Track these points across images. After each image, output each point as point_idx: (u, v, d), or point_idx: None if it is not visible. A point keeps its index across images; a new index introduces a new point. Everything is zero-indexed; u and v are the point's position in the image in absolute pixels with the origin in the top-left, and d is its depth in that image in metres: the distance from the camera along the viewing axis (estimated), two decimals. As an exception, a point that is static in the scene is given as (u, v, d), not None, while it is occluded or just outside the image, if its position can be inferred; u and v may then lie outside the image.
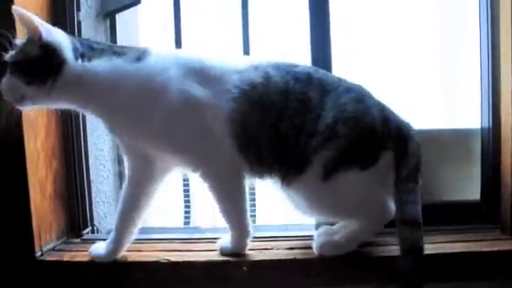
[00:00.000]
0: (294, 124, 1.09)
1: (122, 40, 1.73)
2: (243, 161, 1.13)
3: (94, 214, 1.55)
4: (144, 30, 2.09)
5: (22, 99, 1.08)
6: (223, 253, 1.22)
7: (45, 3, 1.39)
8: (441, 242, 1.26)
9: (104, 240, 1.28)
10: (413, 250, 1.09)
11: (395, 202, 1.14)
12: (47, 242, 1.35)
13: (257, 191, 1.59)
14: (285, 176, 1.12)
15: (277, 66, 1.13)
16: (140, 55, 1.12)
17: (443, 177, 1.43)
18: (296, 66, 1.15)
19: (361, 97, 1.13)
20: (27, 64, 1.05)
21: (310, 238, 1.29)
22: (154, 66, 1.11)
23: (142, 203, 1.22)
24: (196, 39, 1.77)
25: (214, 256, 1.23)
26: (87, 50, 1.11)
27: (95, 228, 1.54)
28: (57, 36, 1.08)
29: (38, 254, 1.30)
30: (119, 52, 1.13)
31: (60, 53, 1.06)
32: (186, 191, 1.71)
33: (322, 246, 1.18)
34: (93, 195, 1.55)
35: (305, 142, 1.09)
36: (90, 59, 1.10)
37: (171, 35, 1.72)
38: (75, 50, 1.09)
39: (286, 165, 1.11)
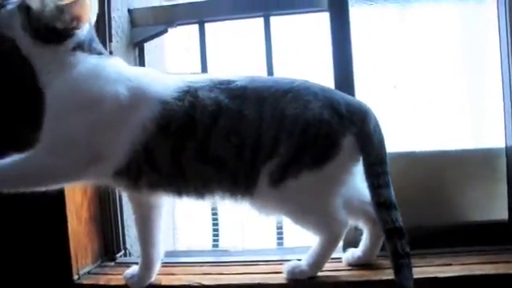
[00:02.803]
0: (231, 142, 1.09)
1: (150, 65, 1.80)
2: (160, 185, 1.15)
3: (126, 237, 1.60)
4: (169, 52, 2.16)
5: (10, 29, 1.13)
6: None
7: (79, 37, 1.46)
8: (468, 264, 1.25)
9: (137, 263, 1.32)
10: (394, 230, 1.10)
11: (368, 187, 1.13)
12: (83, 266, 1.40)
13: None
14: (238, 191, 1.13)
15: (211, 87, 1.13)
16: (103, 57, 1.18)
17: (470, 197, 1.43)
18: (231, 81, 1.14)
19: (298, 95, 1.12)
20: (41, 20, 1.10)
21: (339, 259, 1.32)
22: (105, 71, 1.15)
23: (153, 222, 1.26)
24: (220, 61, 1.81)
25: (246, 279, 1.26)
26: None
27: (127, 251, 1.59)
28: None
29: (76, 277, 1.35)
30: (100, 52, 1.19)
31: (74, 37, 1.13)
32: (215, 214, 1.75)
33: (288, 270, 1.21)
34: (124, 218, 1.60)
35: (251, 156, 1.10)
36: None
37: (194, 56, 1.78)
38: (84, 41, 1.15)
39: (234, 181, 1.12)
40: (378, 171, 1.12)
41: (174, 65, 2.21)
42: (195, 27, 1.73)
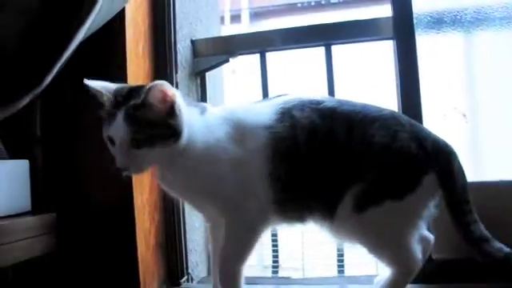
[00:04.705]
0: (322, 163, 1.10)
1: (210, 93, 1.84)
2: (280, 210, 1.13)
3: (189, 262, 1.62)
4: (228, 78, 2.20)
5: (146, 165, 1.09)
6: None
7: (149, 69, 1.54)
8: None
9: (202, 289, 1.34)
10: (507, 257, 1.09)
11: (456, 226, 1.12)
12: (150, 292, 1.44)
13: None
14: (323, 212, 1.13)
15: (301, 106, 1.14)
16: (202, 110, 1.16)
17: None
18: (320, 102, 1.15)
19: (386, 124, 1.12)
20: (155, 125, 1.04)
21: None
22: (212, 123, 1.14)
23: None
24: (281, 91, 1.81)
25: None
26: None
27: (190, 276, 1.61)
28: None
29: (144, 302, 1.38)
30: (195, 105, 1.18)
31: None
32: (274, 241, 1.75)
33: None
34: (188, 243, 1.62)
35: (338, 178, 1.10)
36: None
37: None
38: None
39: (322, 202, 1.12)
40: (463, 209, 1.12)
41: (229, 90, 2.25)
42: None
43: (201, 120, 1.14)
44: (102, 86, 1.07)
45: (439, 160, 1.13)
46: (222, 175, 1.11)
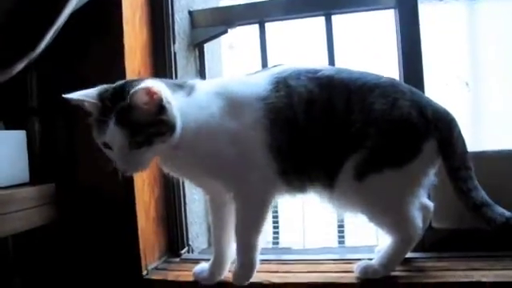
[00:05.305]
0: (321, 131, 1.10)
1: (209, 65, 1.82)
2: (283, 180, 1.13)
3: (189, 233, 1.62)
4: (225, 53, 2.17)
5: (154, 154, 1.09)
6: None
7: (147, 39, 1.51)
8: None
9: (203, 260, 1.34)
10: (508, 221, 1.09)
11: (457, 193, 1.13)
12: (151, 262, 1.44)
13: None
14: (324, 182, 1.13)
15: (297, 75, 1.13)
16: (189, 90, 1.14)
17: None
18: (317, 70, 1.14)
19: (386, 91, 1.12)
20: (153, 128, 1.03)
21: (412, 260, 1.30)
22: (202, 100, 1.13)
23: (229, 223, 1.24)
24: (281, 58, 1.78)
25: (317, 278, 1.25)
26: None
27: (190, 248, 1.62)
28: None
29: (145, 273, 1.39)
30: (180, 85, 1.15)
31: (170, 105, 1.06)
32: (275, 212, 1.75)
33: (360, 270, 1.20)
34: (187, 216, 1.62)
35: (336, 147, 1.10)
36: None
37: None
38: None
39: (324, 170, 1.12)
40: (463, 176, 1.12)
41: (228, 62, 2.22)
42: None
43: (189, 101, 1.12)
44: (83, 95, 1.05)
45: (439, 127, 1.12)
46: (221, 150, 1.10)
